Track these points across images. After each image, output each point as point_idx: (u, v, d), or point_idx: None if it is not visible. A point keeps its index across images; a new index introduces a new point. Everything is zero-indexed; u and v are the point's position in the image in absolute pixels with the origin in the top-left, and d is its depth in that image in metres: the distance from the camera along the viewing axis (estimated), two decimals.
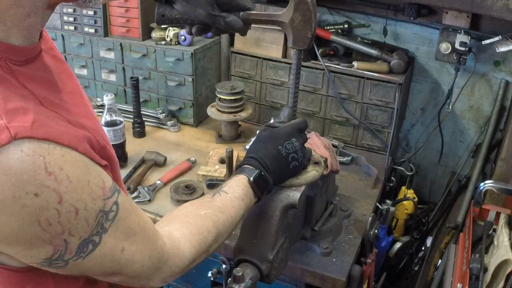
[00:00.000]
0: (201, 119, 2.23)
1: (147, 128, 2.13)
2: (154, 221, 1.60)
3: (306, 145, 1.16)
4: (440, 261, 1.83)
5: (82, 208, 0.66)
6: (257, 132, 1.14)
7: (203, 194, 1.65)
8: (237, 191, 1.01)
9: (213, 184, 1.66)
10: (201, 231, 0.91)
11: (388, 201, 1.71)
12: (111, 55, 2.18)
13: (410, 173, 2.06)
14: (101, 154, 0.74)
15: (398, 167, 2.09)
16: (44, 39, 0.77)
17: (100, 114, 1.90)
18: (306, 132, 1.19)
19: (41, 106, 0.67)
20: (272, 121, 1.22)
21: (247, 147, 1.94)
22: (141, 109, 2.09)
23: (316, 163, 1.23)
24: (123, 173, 1.76)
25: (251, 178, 1.02)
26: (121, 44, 2.13)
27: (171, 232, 0.87)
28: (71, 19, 2.18)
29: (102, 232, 0.70)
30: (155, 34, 2.09)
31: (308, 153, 1.18)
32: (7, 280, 0.75)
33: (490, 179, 1.76)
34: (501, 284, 1.27)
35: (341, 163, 1.85)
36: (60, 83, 0.78)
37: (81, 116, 0.77)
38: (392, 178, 2.02)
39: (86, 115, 0.81)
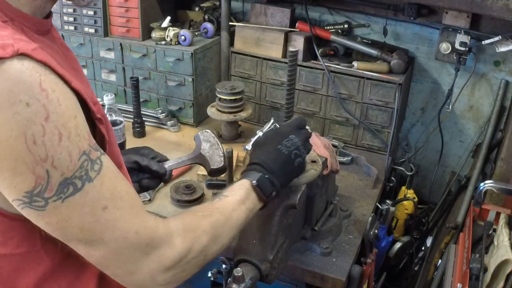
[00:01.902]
0: (201, 119, 2.23)
1: (147, 128, 2.13)
2: None
3: None
4: (440, 261, 1.83)
5: (66, 136, 0.68)
6: (251, 144, 1.15)
7: (203, 194, 1.65)
8: (238, 193, 0.99)
9: (213, 184, 1.66)
10: (195, 229, 0.87)
11: (388, 201, 1.71)
12: (111, 55, 2.18)
13: (410, 173, 2.06)
14: (96, 108, 0.77)
15: (398, 167, 2.09)
16: (54, 28, 0.85)
17: None
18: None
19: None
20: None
21: (247, 147, 1.95)
22: (141, 109, 2.09)
23: (314, 161, 1.22)
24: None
25: (254, 181, 1.00)
26: (121, 44, 2.13)
27: (165, 222, 0.84)
28: (71, 19, 2.18)
29: (86, 180, 0.71)
30: (155, 34, 2.09)
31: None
32: (1, 226, 0.76)
33: (490, 179, 1.76)
34: (501, 284, 1.27)
35: (341, 163, 1.85)
36: (65, 61, 0.82)
37: (79, 81, 0.79)
38: (392, 178, 2.03)
39: (86, 85, 0.86)
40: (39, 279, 0.82)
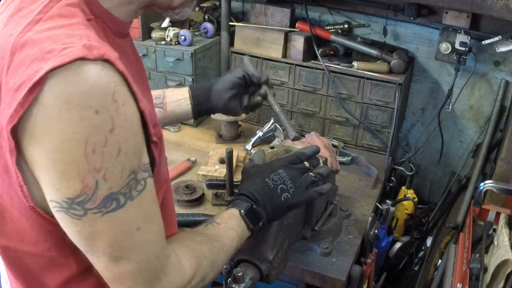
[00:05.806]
0: (201, 119, 2.23)
1: None
2: None
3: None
4: (440, 261, 1.83)
5: (124, 151, 0.68)
6: (243, 168, 1.15)
7: (203, 194, 1.65)
8: (229, 222, 1.00)
9: (213, 184, 1.66)
10: (198, 255, 0.89)
11: (388, 201, 1.71)
12: None
13: (410, 173, 2.06)
14: (154, 131, 0.77)
15: (398, 167, 2.09)
16: (131, 39, 0.89)
17: None
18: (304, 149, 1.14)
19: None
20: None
21: (247, 147, 1.95)
22: None
23: None
24: None
25: (242, 211, 1.01)
26: None
27: (174, 249, 0.86)
28: None
29: (128, 197, 0.71)
30: (155, 34, 2.09)
31: (308, 179, 1.10)
32: (36, 226, 0.76)
33: (490, 179, 1.76)
34: (501, 284, 1.27)
35: (341, 163, 1.85)
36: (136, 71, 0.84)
37: (145, 96, 0.79)
38: (392, 178, 2.02)
39: (150, 100, 0.89)
40: (67, 279, 0.83)
